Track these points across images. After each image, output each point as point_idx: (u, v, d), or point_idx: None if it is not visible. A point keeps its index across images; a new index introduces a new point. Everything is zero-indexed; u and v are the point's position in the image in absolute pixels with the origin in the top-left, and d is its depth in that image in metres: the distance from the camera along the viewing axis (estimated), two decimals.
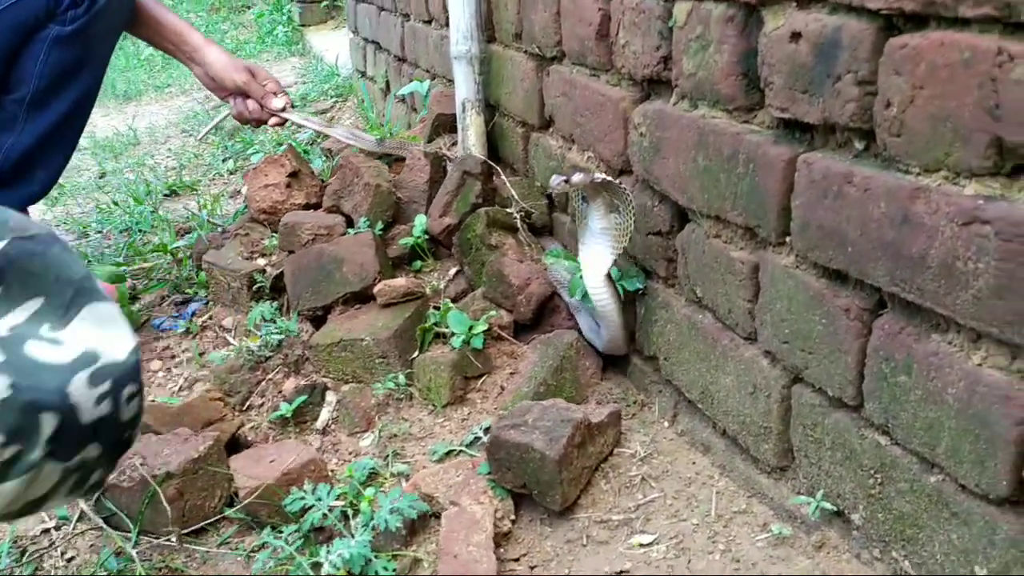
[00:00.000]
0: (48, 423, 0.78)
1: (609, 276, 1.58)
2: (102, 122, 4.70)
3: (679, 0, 1.35)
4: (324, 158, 2.71)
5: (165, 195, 3.32)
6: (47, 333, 0.82)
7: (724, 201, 1.29)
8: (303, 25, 6.24)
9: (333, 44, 5.17)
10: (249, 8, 7.81)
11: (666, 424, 1.58)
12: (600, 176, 1.51)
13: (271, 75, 2.40)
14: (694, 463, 1.47)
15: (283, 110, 2.32)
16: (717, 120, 1.29)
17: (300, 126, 2.44)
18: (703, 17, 1.29)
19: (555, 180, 1.52)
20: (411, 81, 2.84)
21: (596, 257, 1.56)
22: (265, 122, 2.35)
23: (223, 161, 3.71)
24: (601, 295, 1.58)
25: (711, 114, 1.31)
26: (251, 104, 2.30)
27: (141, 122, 4.65)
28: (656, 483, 1.43)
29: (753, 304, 1.28)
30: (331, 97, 4.32)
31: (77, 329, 0.84)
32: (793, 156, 1.14)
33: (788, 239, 1.19)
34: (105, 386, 0.83)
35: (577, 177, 1.51)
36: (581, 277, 1.67)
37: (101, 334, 0.85)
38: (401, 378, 1.73)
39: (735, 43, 1.23)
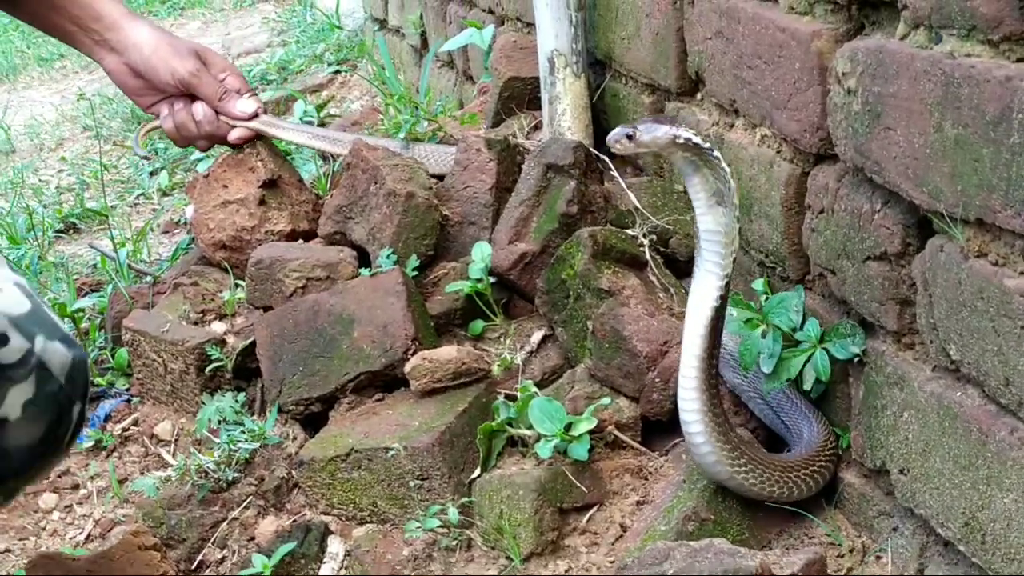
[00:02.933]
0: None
1: (710, 347, 1.62)
2: None
3: None
4: (321, 159, 2.84)
5: (58, 231, 3.50)
6: None
7: (991, 195, 1.34)
8: None
9: None
10: None
11: None
12: (684, 134, 1.57)
13: (231, 64, 2.54)
14: None
15: (253, 118, 2.47)
16: (974, 60, 1.35)
17: (282, 141, 2.59)
18: None
19: (616, 135, 1.58)
20: (463, 30, 2.96)
21: (698, 296, 1.62)
22: (223, 139, 2.49)
23: (151, 174, 3.88)
24: (689, 395, 1.63)
25: (964, 50, 1.37)
26: (200, 110, 2.44)
27: (17, 117, 4.91)
28: None
29: None
30: (329, 65, 4.50)
31: None
32: None
33: None
34: None
35: (649, 133, 1.56)
36: (764, 334, 1.72)
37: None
38: (453, 512, 1.79)
39: None
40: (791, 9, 1.74)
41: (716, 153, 1.59)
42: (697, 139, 1.57)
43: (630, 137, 1.57)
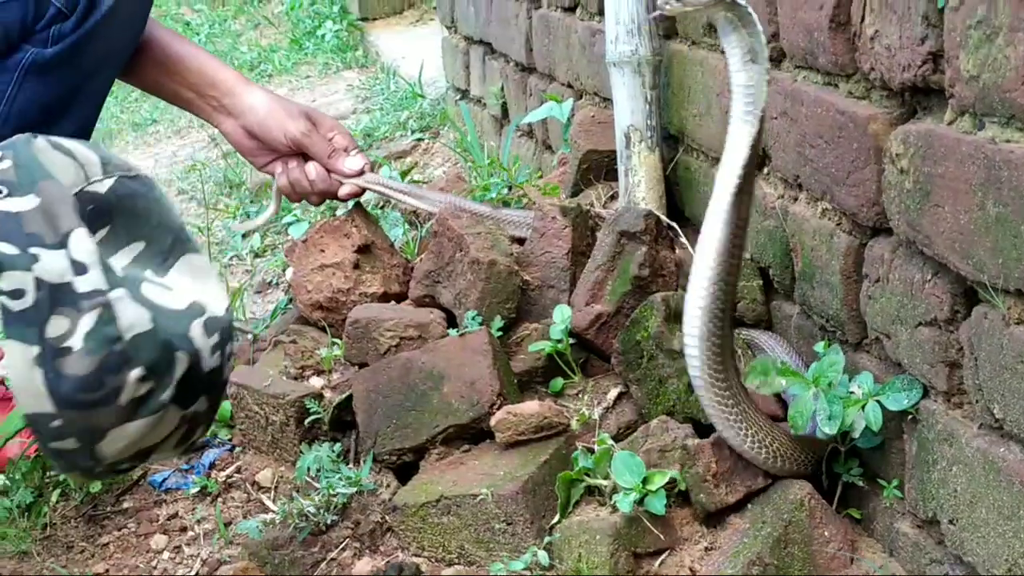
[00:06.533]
0: (180, 365, 1.44)
1: (737, 208, 1.83)
2: None
3: None
4: (408, 225, 3.00)
5: None
6: (152, 277, 1.47)
7: None
8: (364, 19, 6.67)
9: (413, 48, 5.52)
10: None
11: None
12: None
13: (339, 124, 2.71)
14: None
15: (360, 174, 2.63)
16: (1013, 146, 1.47)
17: (388, 199, 2.74)
18: None
19: None
20: (543, 103, 3.12)
21: (732, 143, 1.82)
22: (333, 195, 2.65)
23: (243, 236, 4.05)
24: (701, 289, 1.86)
25: (1004, 136, 1.49)
26: (312, 169, 2.61)
27: None
28: None
29: None
30: (412, 132, 4.65)
31: (177, 278, 1.49)
32: None
33: None
34: (216, 338, 1.50)
35: None
36: (818, 395, 1.85)
37: (200, 286, 1.51)
38: (539, 555, 1.93)
39: None
40: (850, 94, 1.88)
41: (751, 11, 1.77)
42: None
43: None
